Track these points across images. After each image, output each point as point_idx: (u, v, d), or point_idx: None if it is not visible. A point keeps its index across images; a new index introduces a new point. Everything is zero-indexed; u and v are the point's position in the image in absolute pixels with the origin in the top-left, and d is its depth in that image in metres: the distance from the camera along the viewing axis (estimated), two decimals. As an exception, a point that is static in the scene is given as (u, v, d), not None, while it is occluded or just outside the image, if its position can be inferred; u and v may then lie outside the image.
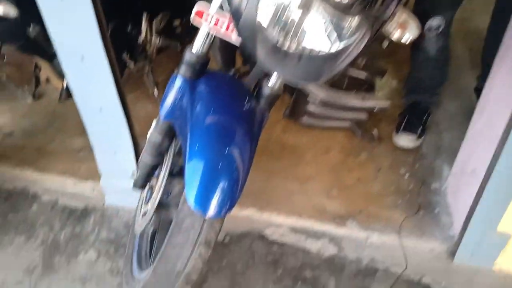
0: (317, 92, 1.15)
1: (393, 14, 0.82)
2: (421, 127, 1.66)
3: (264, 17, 0.66)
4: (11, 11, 1.10)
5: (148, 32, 1.76)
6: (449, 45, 1.60)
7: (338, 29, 0.67)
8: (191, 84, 0.92)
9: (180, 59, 0.91)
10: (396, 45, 1.76)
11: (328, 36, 0.68)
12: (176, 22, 1.89)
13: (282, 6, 0.65)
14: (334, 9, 0.63)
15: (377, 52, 1.94)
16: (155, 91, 1.89)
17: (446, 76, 1.66)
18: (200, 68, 0.92)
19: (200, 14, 0.79)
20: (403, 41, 0.91)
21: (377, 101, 1.21)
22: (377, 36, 1.88)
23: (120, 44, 1.71)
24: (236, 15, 0.69)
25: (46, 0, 1.02)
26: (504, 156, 1.01)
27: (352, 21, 0.67)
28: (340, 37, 0.68)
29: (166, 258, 0.91)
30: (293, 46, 0.68)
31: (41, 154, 1.65)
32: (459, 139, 1.39)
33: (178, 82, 0.91)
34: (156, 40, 1.79)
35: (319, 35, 0.68)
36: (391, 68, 1.93)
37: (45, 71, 1.64)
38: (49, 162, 1.60)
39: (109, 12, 1.59)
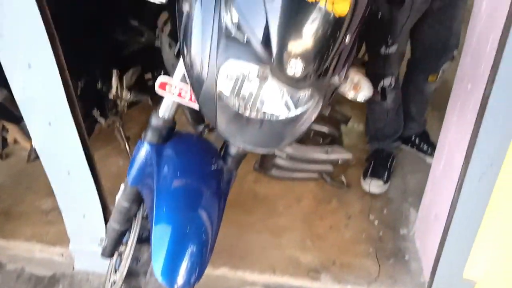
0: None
1: (346, 77, 0.89)
2: (386, 172, 1.72)
3: (223, 88, 0.70)
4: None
5: (119, 88, 1.79)
6: (400, 95, 1.71)
7: (294, 98, 0.72)
8: (157, 149, 0.93)
9: (151, 112, 0.92)
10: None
11: (285, 104, 0.73)
12: (148, 76, 1.93)
13: (240, 78, 0.69)
14: (287, 83, 0.68)
15: (341, 99, 2.04)
16: (127, 146, 1.89)
17: (401, 122, 1.76)
18: (167, 133, 0.95)
19: (163, 85, 0.82)
20: (357, 100, 0.98)
21: (341, 154, 1.26)
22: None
23: (90, 101, 1.74)
24: (196, 87, 0.73)
25: (11, 66, 1.04)
26: (462, 201, 1.06)
27: (306, 92, 0.72)
28: (296, 105, 0.72)
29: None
30: (252, 114, 0.72)
31: (8, 217, 1.60)
32: (424, 182, 1.45)
33: (144, 148, 0.93)
34: (127, 95, 1.82)
35: (276, 103, 0.72)
36: (357, 113, 2.02)
37: (13, 132, 1.63)
38: (16, 226, 1.55)
39: (79, 70, 1.64)
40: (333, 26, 0.67)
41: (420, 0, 1.37)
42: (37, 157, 1.60)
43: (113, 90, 1.77)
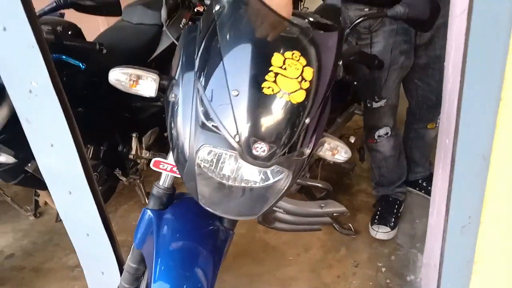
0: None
1: (322, 144, 0.98)
2: (393, 218, 1.75)
3: (201, 169, 0.81)
4: (10, 159, 1.29)
5: (138, 149, 1.96)
6: (400, 142, 1.78)
7: (264, 173, 0.82)
8: (158, 214, 1.05)
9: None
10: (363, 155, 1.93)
11: (256, 177, 0.83)
12: (166, 134, 2.09)
13: (215, 160, 0.80)
14: (255, 164, 0.79)
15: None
16: (147, 201, 2.03)
17: (404, 168, 1.81)
18: (167, 199, 1.07)
19: (157, 164, 0.95)
20: (337, 162, 1.07)
21: (335, 208, 1.32)
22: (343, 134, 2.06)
23: (112, 162, 1.90)
24: (179, 167, 0.85)
25: (37, 145, 1.20)
26: (448, 253, 1.09)
27: (275, 168, 0.82)
28: (266, 179, 0.82)
29: None
30: (228, 187, 0.82)
31: (38, 274, 1.75)
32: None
33: (147, 215, 1.05)
34: (146, 155, 1.98)
35: (248, 177, 0.82)
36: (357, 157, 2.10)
37: (43, 196, 1.81)
38: (45, 282, 1.69)
39: (101, 136, 1.81)
40: (291, 113, 0.78)
41: (400, 60, 1.47)
42: (64, 217, 1.77)
43: (133, 151, 1.94)
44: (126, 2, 2.07)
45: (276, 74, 0.77)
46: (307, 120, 0.81)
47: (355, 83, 1.16)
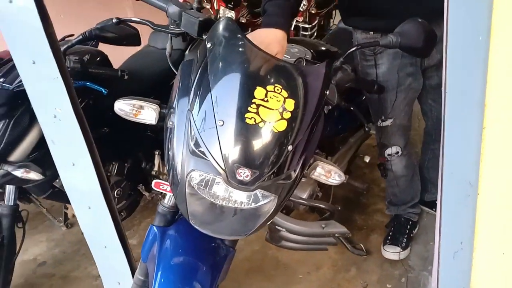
0: (279, 222, 1.32)
1: (314, 167, 1.03)
2: (405, 239, 1.74)
3: (191, 190, 0.88)
4: (38, 176, 1.43)
5: (160, 165, 2.07)
6: (413, 162, 1.78)
7: (250, 196, 0.88)
8: (163, 231, 1.13)
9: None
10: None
11: (245, 199, 0.89)
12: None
13: (203, 183, 0.87)
14: (239, 188, 0.85)
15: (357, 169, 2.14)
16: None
17: (417, 188, 1.80)
18: (172, 216, 1.15)
19: (157, 185, 1.04)
20: (331, 184, 1.11)
21: (336, 229, 1.35)
22: (358, 153, 2.09)
23: (136, 178, 2.03)
24: (173, 188, 0.93)
25: (61, 164, 1.33)
26: (442, 278, 1.09)
27: (260, 191, 0.88)
28: (252, 202, 0.88)
29: None
30: (216, 207, 0.88)
31: (65, 281, 1.89)
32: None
33: (153, 231, 1.14)
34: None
35: (238, 197, 0.89)
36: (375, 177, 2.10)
37: (71, 209, 1.95)
38: (70, 290, 1.83)
39: (125, 154, 1.94)
40: (273, 141, 0.84)
41: (407, 81, 1.49)
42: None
43: (155, 168, 2.06)
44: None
45: (258, 105, 0.84)
46: (290, 147, 0.87)
47: (351, 108, 1.20)
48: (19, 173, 1.40)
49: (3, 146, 1.36)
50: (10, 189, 1.51)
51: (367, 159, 1.97)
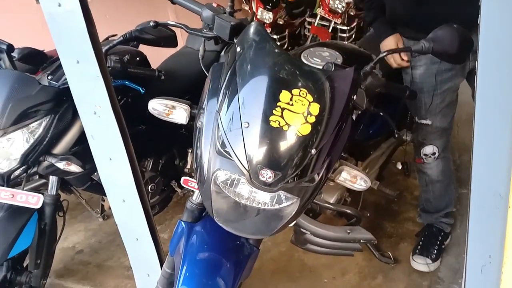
0: (304, 225, 1.33)
1: (339, 172, 1.04)
2: (435, 250, 1.70)
3: (216, 188, 0.91)
4: (78, 169, 1.52)
5: (193, 163, 2.13)
6: (450, 168, 1.72)
7: (273, 197, 0.90)
8: (190, 226, 1.18)
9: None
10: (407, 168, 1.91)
11: (268, 200, 0.91)
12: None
13: (228, 182, 0.90)
14: (261, 189, 0.87)
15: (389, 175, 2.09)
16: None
17: (452, 197, 1.74)
18: (199, 213, 1.19)
19: (186, 182, 1.08)
20: (356, 190, 1.11)
21: (361, 235, 1.34)
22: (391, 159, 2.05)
23: (169, 175, 2.10)
24: (200, 186, 0.96)
25: (99, 159, 1.41)
26: None
27: (282, 193, 0.89)
28: (274, 203, 0.90)
29: None
30: (244, 203, 0.91)
31: (100, 269, 1.99)
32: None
33: (181, 226, 1.18)
34: (200, 169, 2.14)
35: (261, 198, 0.91)
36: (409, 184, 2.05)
37: (107, 201, 2.05)
38: (104, 278, 1.92)
39: (160, 151, 2.02)
40: (296, 144, 0.86)
41: (444, 86, 1.46)
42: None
43: (188, 165, 2.12)
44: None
45: (283, 109, 0.86)
46: (313, 151, 0.88)
47: (381, 113, 1.18)
48: (61, 165, 1.49)
49: (48, 139, 1.46)
50: (53, 180, 1.61)
51: (399, 165, 1.93)
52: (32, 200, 1.45)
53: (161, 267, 1.55)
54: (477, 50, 0.81)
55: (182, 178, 1.09)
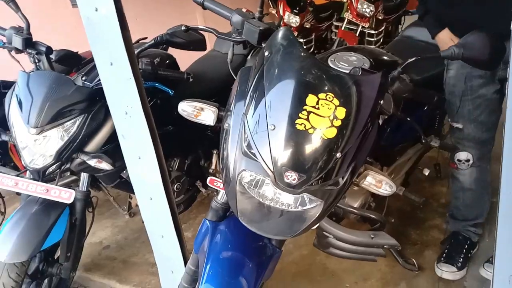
0: (327, 228, 1.33)
1: (364, 176, 1.04)
2: (461, 258, 1.66)
3: (241, 188, 0.93)
4: (108, 166, 1.58)
5: (218, 164, 2.17)
6: (486, 179, 1.67)
7: (296, 199, 0.91)
8: (214, 225, 1.20)
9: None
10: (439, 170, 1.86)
11: (292, 201, 0.92)
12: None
13: (253, 182, 0.92)
14: (286, 190, 0.89)
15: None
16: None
17: (484, 208, 1.70)
18: (224, 212, 1.22)
19: (212, 182, 1.11)
20: (381, 194, 1.11)
21: (385, 240, 1.33)
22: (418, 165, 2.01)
23: (194, 175, 2.14)
24: (225, 185, 0.99)
25: (129, 157, 1.46)
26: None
27: (306, 195, 0.90)
28: (298, 204, 0.91)
29: None
30: (268, 204, 0.92)
31: (125, 265, 2.04)
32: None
33: (205, 225, 1.21)
34: (226, 170, 2.18)
35: (285, 199, 0.92)
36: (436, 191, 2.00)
37: (135, 199, 2.11)
38: (130, 273, 1.97)
39: (187, 152, 2.06)
40: (322, 147, 0.87)
41: (475, 93, 1.44)
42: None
43: (213, 166, 2.16)
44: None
45: (309, 112, 0.87)
46: (338, 154, 0.89)
47: (408, 119, 1.18)
48: (92, 162, 1.55)
49: (81, 137, 1.52)
50: (84, 176, 1.67)
51: (426, 172, 1.90)
52: (65, 195, 1.52)
53: (185, 264, 1.59)
54: (509, 58, 0.80)
55: (208, 178, 1.12)
